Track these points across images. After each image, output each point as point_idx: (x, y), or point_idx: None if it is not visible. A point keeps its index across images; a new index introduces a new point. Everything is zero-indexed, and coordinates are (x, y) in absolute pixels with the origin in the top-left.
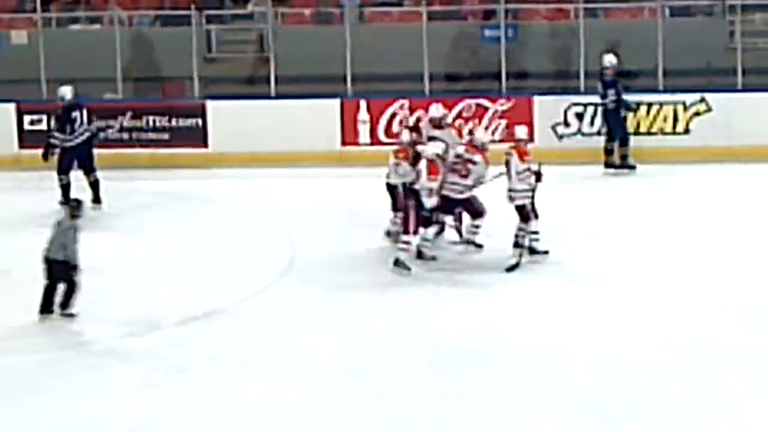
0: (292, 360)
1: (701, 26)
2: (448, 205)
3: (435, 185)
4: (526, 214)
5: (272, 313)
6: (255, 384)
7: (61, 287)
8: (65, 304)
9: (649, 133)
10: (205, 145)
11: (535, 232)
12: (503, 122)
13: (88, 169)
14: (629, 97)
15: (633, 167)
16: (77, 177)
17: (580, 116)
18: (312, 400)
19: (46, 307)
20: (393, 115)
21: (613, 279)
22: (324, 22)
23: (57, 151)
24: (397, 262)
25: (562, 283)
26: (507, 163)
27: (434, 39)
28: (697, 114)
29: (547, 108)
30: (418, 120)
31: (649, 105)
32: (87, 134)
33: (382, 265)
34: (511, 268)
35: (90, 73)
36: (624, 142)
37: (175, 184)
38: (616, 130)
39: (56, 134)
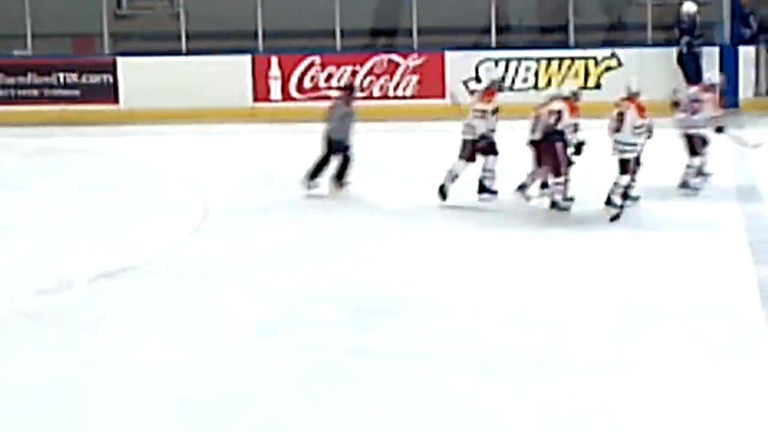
0: (203, 318)
1: None
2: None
3: (578, 121)
4: (628, 168)
5: (184, 271)
6: (165, 343)
7: (335, 162)
8: (341, 175)
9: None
10: (116, 102)
11: (628, 187)
12: (415, 78)
13: None
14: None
15: None
16: None
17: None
18: (222, 359)
19: (314, 176)
20: (305, 71)
21: (534, 235)
22: None
23: None
24: (553, 205)
25: (478, 235)
26: (621, 115)
27: None
28: (608, 69)
29: (458, 63)
30: None
31: (561, 60)
32: None
33: (293, 221)
34: (614, 218)
35: None
36: None
37: (86, 140)
38: (689, 74)
39: None
